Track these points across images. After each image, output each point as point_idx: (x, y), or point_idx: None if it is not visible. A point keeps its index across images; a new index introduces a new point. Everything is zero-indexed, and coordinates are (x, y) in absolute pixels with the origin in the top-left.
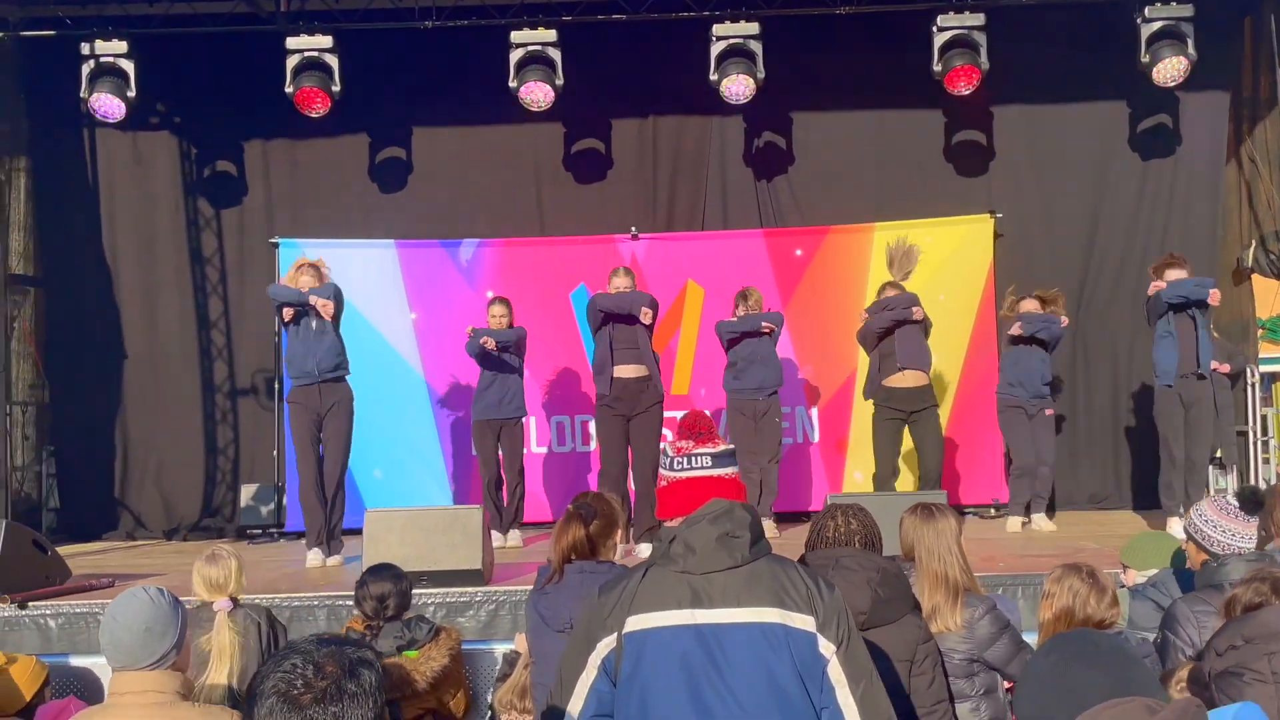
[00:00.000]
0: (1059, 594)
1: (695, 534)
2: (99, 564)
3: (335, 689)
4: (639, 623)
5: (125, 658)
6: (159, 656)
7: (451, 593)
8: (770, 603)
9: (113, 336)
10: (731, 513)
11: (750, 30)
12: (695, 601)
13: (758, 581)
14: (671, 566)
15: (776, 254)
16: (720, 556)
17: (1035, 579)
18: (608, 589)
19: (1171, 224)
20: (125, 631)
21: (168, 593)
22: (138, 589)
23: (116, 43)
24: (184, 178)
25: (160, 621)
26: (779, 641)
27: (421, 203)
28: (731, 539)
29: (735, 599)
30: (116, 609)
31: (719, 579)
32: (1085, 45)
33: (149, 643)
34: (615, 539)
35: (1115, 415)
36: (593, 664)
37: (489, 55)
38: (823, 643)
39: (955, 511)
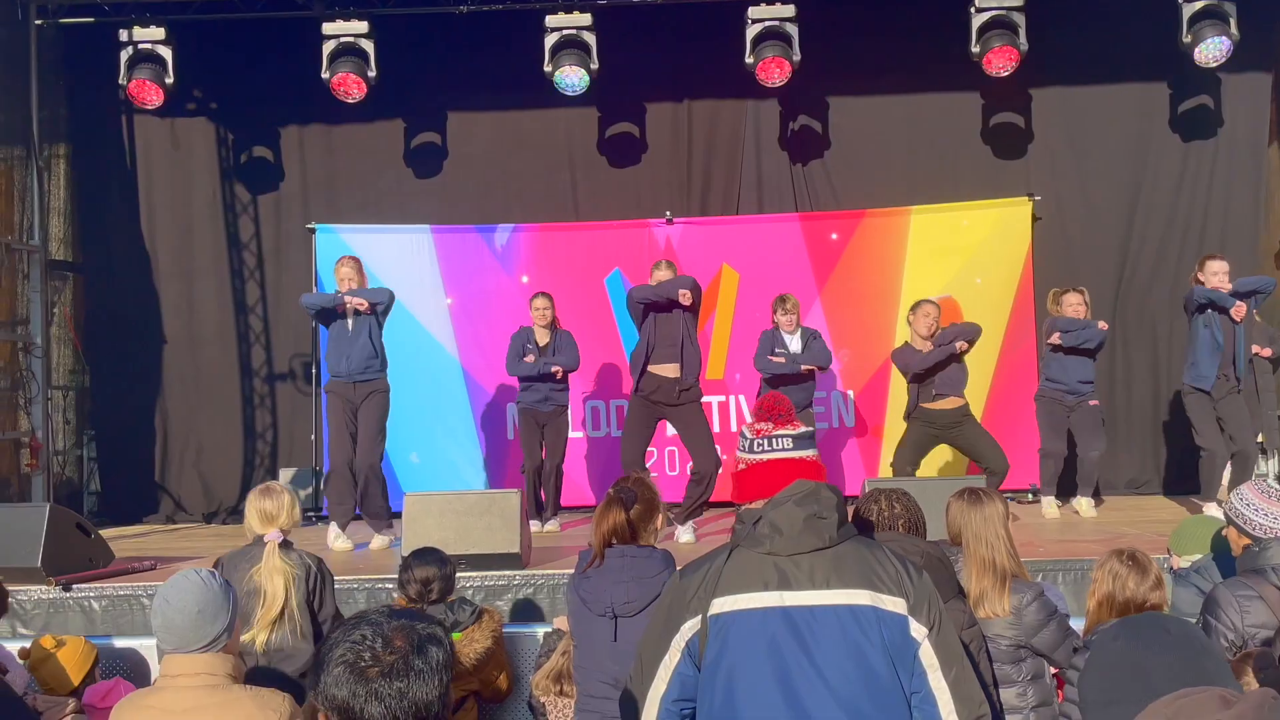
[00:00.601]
0: (1101, 579)
1: (781, 515)
2: (140, 547)
3: (403, 664)
4: (725, 604)
5: (177, 640)
6: (211, 639)
7: (490, 576)
8: (861, 584)
9: (152, 321)
10: (818, 494)
11: (786, 13)
12: (783, 583)
13: (846, 563)
14: (757, 548)
15: (812, 238)
16: (808, 538)
17: (1076, 564)
18: (690, 571)
19: (1212, 206)
20: (177, 614)
21: (219, 575)
22: (189, 571)
23: (154, 29)
24: (221, 163)
25: (212, 604)
26: (870, 624)
27: (457, 188)
28: (819, 520)
29: (824, 580)
30: (168, 592)
31: (806, 560)
32: (1125, 26)
33: (201, 625)
34: (656, 523)
35: (1154, 400)
36: (676, 646)
37: (524, 40)
38: (914, 626)
39: (1002, 497)
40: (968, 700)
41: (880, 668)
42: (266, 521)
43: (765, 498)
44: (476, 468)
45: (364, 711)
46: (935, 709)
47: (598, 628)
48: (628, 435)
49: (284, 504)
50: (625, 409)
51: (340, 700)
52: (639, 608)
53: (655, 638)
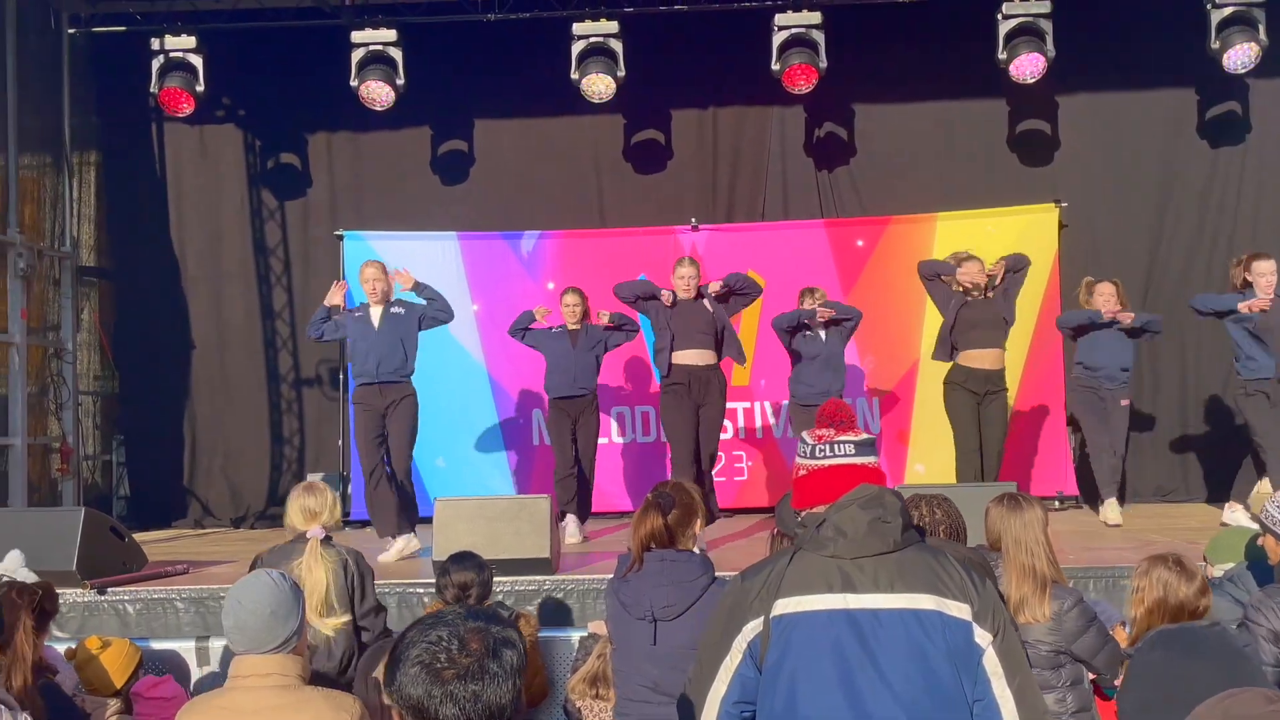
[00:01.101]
0: (1149, 587)
1: (846, 518)
2: (171, 551)
3: (478, 667)
4: (788, 606)
5: (249, 641)
6: (282, 640)
7: (520, 581)
8: (926, 589)
9: (180, 327)
10: (882, 498)
11: (812, 20)
12: (847, 586)
13: (911, 568)
14: (821, 551)
15: (838, 244)
16: (872, 541)
17: (1105, 571)
18: (752, 573)
19: (1241, 212)
20: (250, 615)
21: (288, 577)
22: (261, 572)
23: (186, 38)
24: (249, 170)
25: (284, 605)
26: (934, 628)
27: (483, 195)
28: (883, 524)
29: (889, 585)
30: (240, 593)
31: (870, 564)
32: (1152, 31)
33: (273, 626)
34: (695, 528)
35: (1183, 406)
36: (738, 648)
37: (550, 47)
38: (979, 632)
39: (1040, 503)
40: (1031, 709)
41: (944, 673)
42: (310, 518)
43: (826, 503)
44: (503, 473)
45: (438, 712)
46: (998, 717)
47: (637, 631)
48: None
49: (327, 501)
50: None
51: (415, 699)
52: (678, 611)
53: (715, 639)
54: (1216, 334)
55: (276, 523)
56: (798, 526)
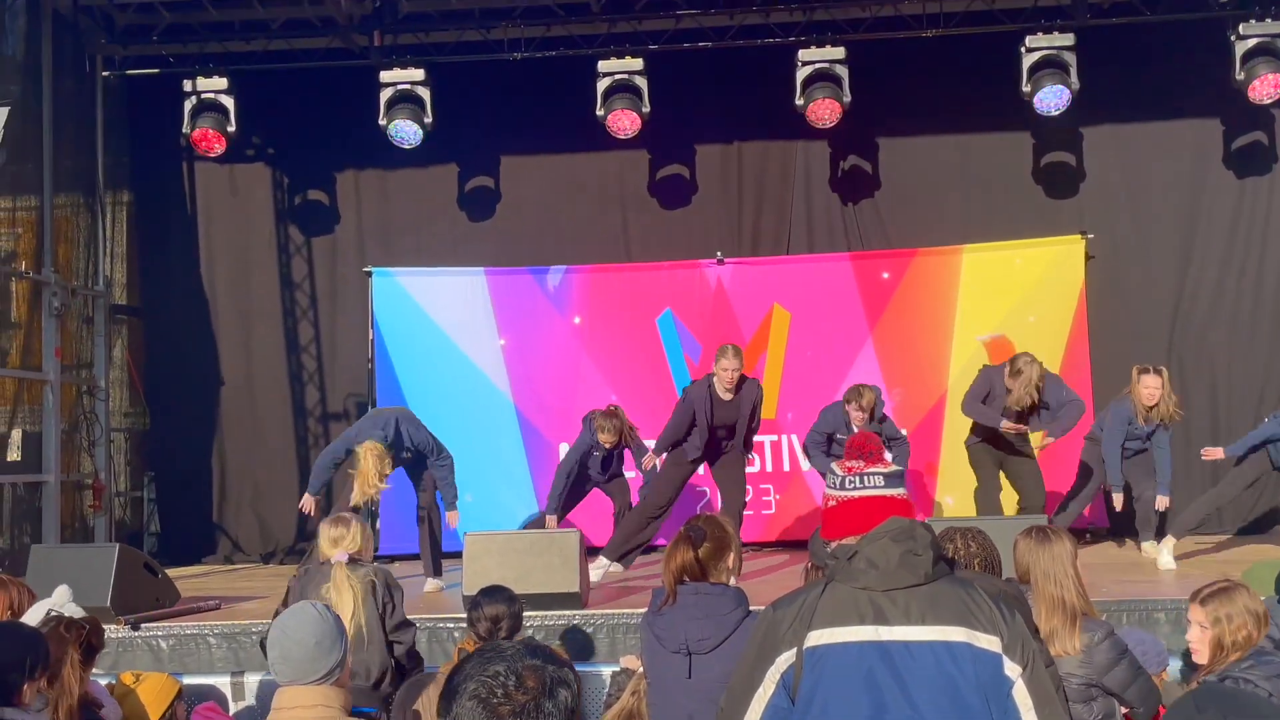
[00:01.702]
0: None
1: (877, 550)
2: (201, 587)
3: (534, 706)
4: (821, 638)
5: (294, 672)
6: (326, 671)
7: (550, 615)
8: (956, 622)
9: (210, 363)
10: (913, 531)
11: (836, 55)
12: (879, 618)
13: (942, 600)
14: (853, 582)
15: (863, 277)
16: (903, 574)
17: (1140, 604)
18: (784, 604)
19: (1269, 243)
20: (296, 646)
21: (332, 610)
22: (305, 604)
23: (217, 79)
24: (276, 206)
25: (329, 636)
26: (965, 661)
27: (510, 230)
28: (914, 556)
29: (920, 617)
30: (286, 623)
31: (902, 596)
32: (1177, 63)
33: (318, 657)
34: (728, 562)
35: (1213, 439)
36: (770, 679)
37: (576, 84)
38: (1008, 664)
39: (1070, 535)
40: None
41: (974, 704)
42: (333, 545)
43: (856, 533)
44: (530, 508)
45: None
46: None
47: (672, 665)
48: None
49: (350, 529)
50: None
51: None
52: (713, 645)
53: (748, 670)
54: (1247, 366)
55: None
56: (829, 558)
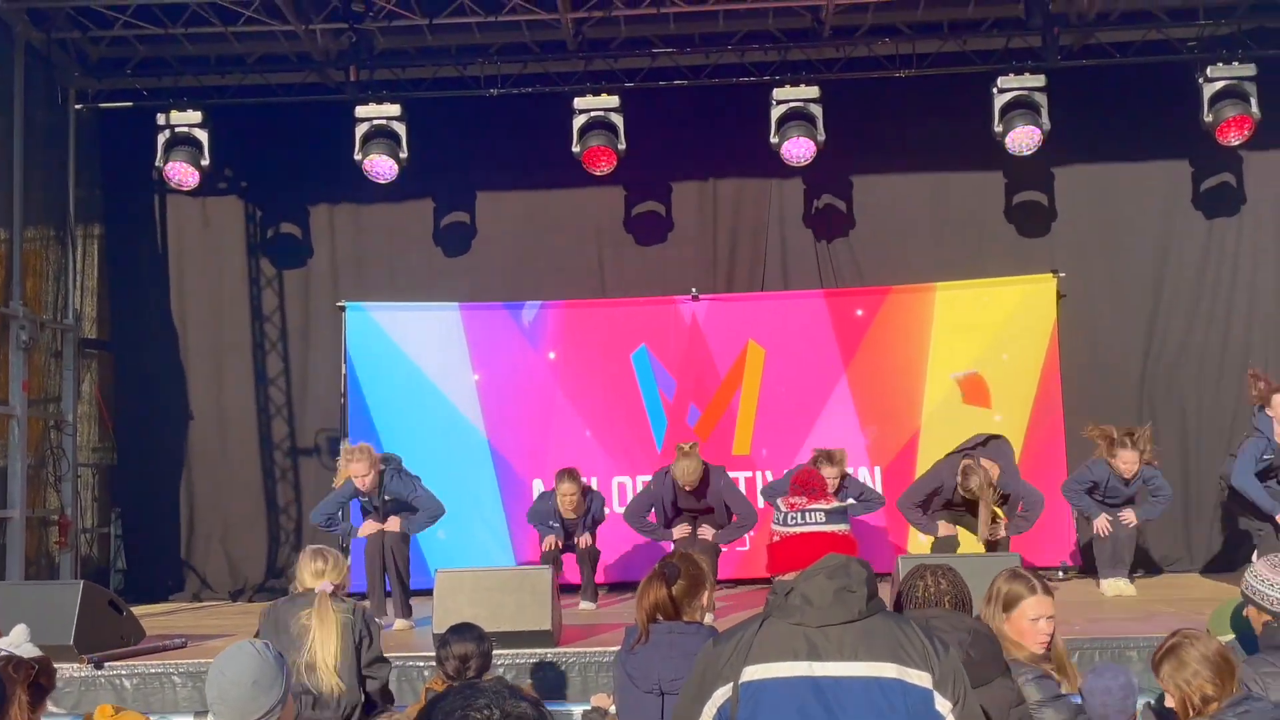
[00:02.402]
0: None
1: (813, 587)
2: (168, 625)
3: None
4: (756, 673)
5: (232, 712)
6: (266, 710)
7: (521, 654)
8: (888, 658)
9: (179, 398)
10: (848, 568)
11: (810, 94)
12: (812, 654)
13: (875, 636)
14: (788, 618)
15: (837, 314)
16: (837, 610)
17: (1111, 643)
18: (723, 639)
19: (1238, 282)
20: (233, 686)
21: (271, 646)
22: (244, 642)
23: (191, 113)
24: (249, 239)
25: (267, 675)
26: (896, 697)
27: (485, 266)
28: (848, 593)
29: (852, 653)
30: (224, 663)
31: (835, 632)
32: (1146, 105)
33: (257, 696)
34: (702, 600)
35: (1184, 477)
36: (707, 713)
37: (552, 121)
38: (939, 700)
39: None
40: None
41: None
42: (317, 576)
43: (797, 569)
44: (503, 545)
45: None
46: None
47: (644, 705)
48: None
49: (333, 560)
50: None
51: None
52: None
53: (688, 704)
54: (1217, 404)
55: (276, 595)
56: (769, 593)
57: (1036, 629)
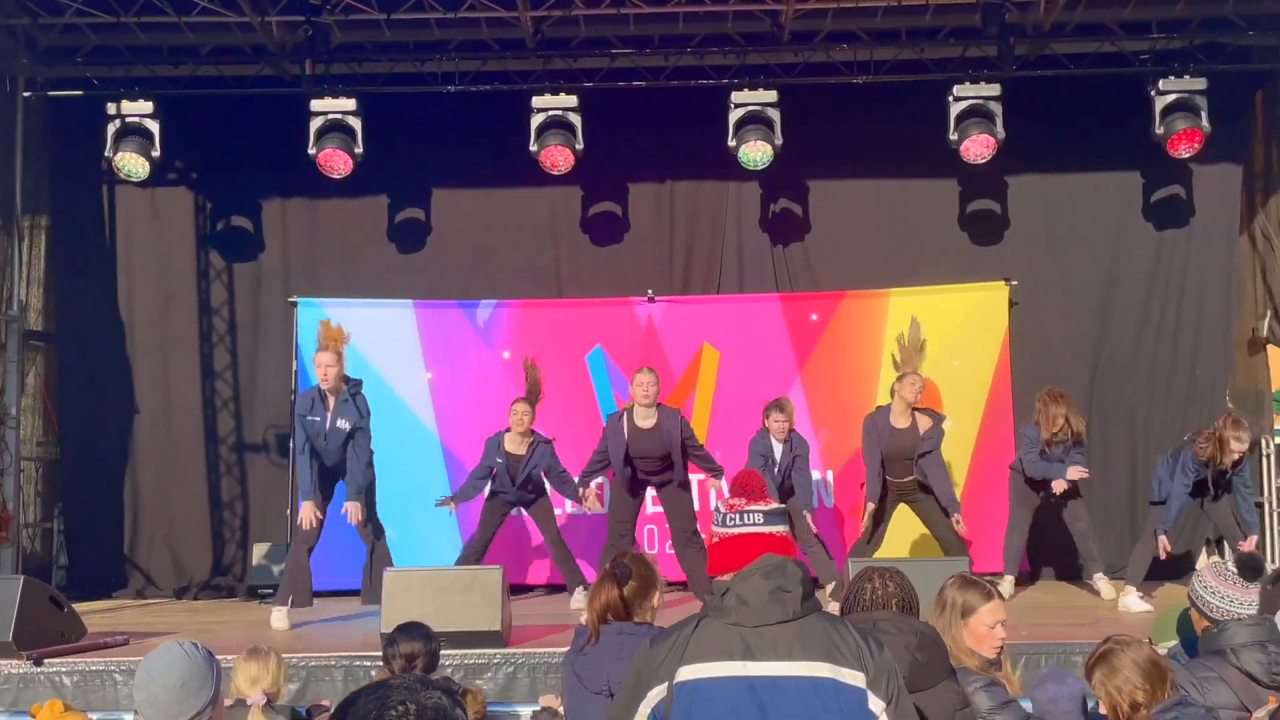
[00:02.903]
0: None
1: (748, 587)
2: (111, 622)
3: None
4: (690, 673)
5: (160, 715)
6: (195, 712)
7: (470, 654)
8: (822, 658)
9: (124, 392)
10: (784, 568)
11: (769, 98)
12: (747, 654)
13: (809, 636)
14: (724, 618)
15: (792, 318)
16: (773, 610)
17: (1056, 648)
18: (660, 640)
19: (1187, 293)
20: (162, 688)
21: (202, 646)
22: (172, 643)
23: (143, 103)
24: (198, 230)
25: (197, 676)
26: (829, 697)
27: (440, 264)
28: (783, 593)
29: (787, 652)
30: (152, 665)
31: (770, 632)
32: (1100, 116)
33: (185, 698)
34: (653, 600)
35: (1132, 484)
36: (642, 713)
37: (510, 119)
38: (873, 699)
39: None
40: None
41: None
42: (251, 684)
43: (735, 569)
44: (453, 544)
45: None
46: None
47: (593, 706)
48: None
49: (270, 667)
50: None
51: None
52: None
53: (624, 703)
54: (1165, 414)
55: (220, 593)
56: (706, 594)
57: (994, 635)
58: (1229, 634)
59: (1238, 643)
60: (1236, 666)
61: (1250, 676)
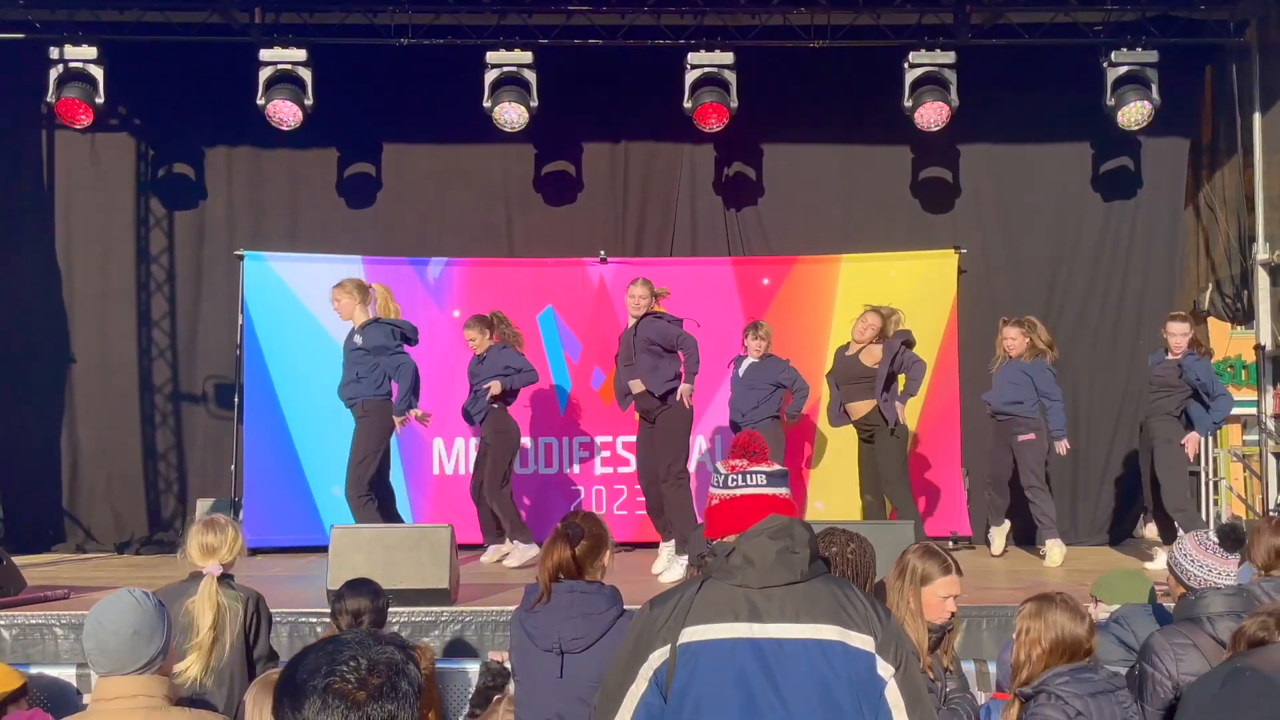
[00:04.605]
0: (1044, 628)
1: (754, 548)
2: (51, 576)
3: (390, 688)
4: (695, 634)
5: (112, 663)
6: (147, 660)
7: (417, 612)
8: (830, 620)
9: (60, 342)
10: (791, 529)
11: (725, 60)
12: (753, 615)
13: (817, 599)
14: (729, 579)
15: (744, 282)
16: (780, 571)
17: (997, 611)
18: (660, 601)
19: (1132, 265)
20: (112, 636)
21: (152, 595)
22: (122, 592)
23: (86, 48)
24: (139, 177)
25: (148, 625)
26: (837, 659)
27: (390, 220)
28: (791, 554)
29: (794, 614)
30: (102, 613)
31: (777, 594)
32: (1052, 87)
33: (137, 646)
34: (604, 559)
35: (1075, 453)
36: (643, 675)
37: (463, 75)
38: (881, 664)
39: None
40: None
41: (845, 703)
42: (207, 554)
43: (737, 532)
44: (401, 503)
45: None
46: None
47: (543, 664)
48: None
49: (226, 538)
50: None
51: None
52: (586, 644)
53: (622, 667)
54: (1108, 382)
55: (163, 548)
56: (708, 555)
57: (944, 607)
58: (1206, 602)
59: (1214, 611)
60: (1211, 635)
61: (1224, 646)
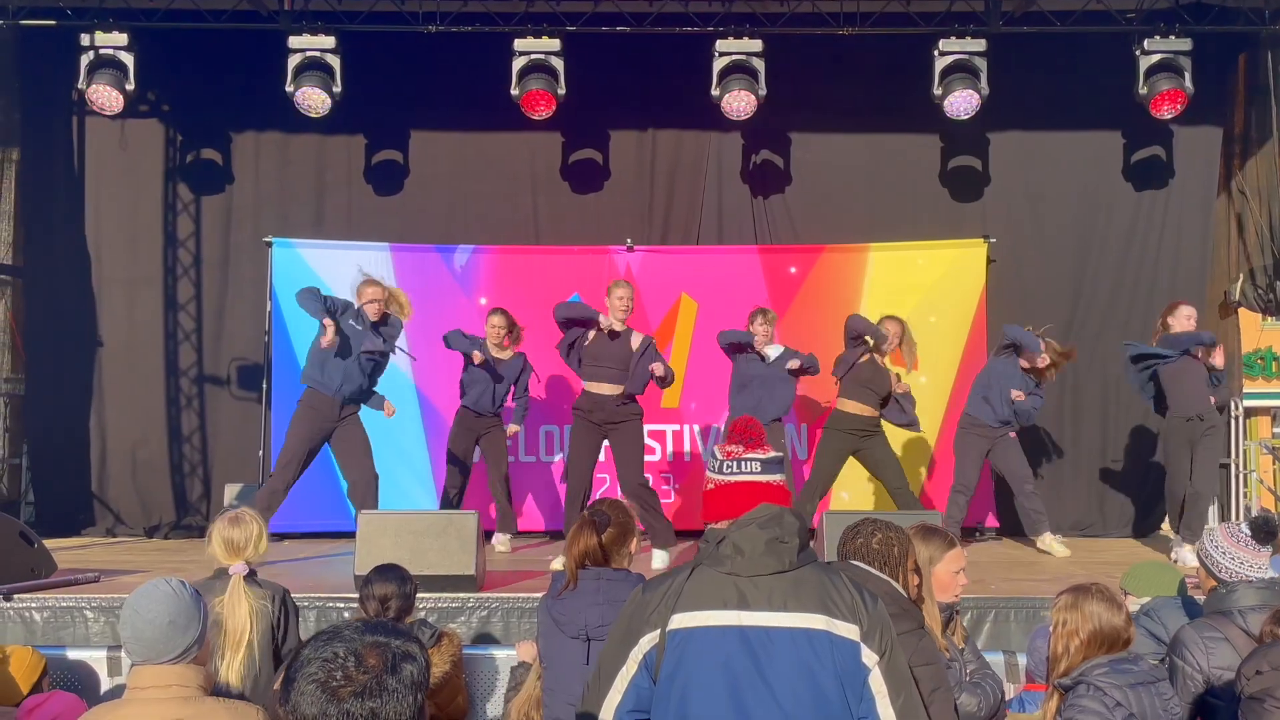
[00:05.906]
0: (1081, 620)
1: (744, 537)
2: (81, 559)
3: (375, 684)
4: (684, 620)
5: (147, 651)
6: (182, 650)
7: (443, 598)
8: (816, 609)
9: (90, 326)
10: (781, 518)
11: (753, 47)
12: (741, 603)
13: (804, 588)
14: (719, 567)
15: (771, 270)
16: (768, 560)
17: (1027, 601)
18: (652, 586)
19: (1163, 255)
20: (148, 625)
21: (189, 585)
22: (159, 581)
23: (117, 35)
24: (167, 162)
25: (184, 614)
26: (823, 647)
27: (417, 207)
28: (780, 544)
29: (781, 603)
30: (138, 602)
31: (766, 582)
32: (1083, 75)
33: (172, 636)
34: (630, 547)
35: (1102, 443)
36: (634, 659)
37: (491, 62)
38: (865, 652)
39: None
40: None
41: (830, 690)
42: (232, 552)
43: (730, 518)
44: (428, 489)
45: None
46: None
47: (569, 650)
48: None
49: (252, 534)
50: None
51: (310, 718)
52: None
53: (614, 649)
54: None
55: (191, 533)
56: (701, 541)
57: (956, 581)
58: (1237, 596)
59: (1245, 605)
60: (1242, 628)
61: (1255, 639)
